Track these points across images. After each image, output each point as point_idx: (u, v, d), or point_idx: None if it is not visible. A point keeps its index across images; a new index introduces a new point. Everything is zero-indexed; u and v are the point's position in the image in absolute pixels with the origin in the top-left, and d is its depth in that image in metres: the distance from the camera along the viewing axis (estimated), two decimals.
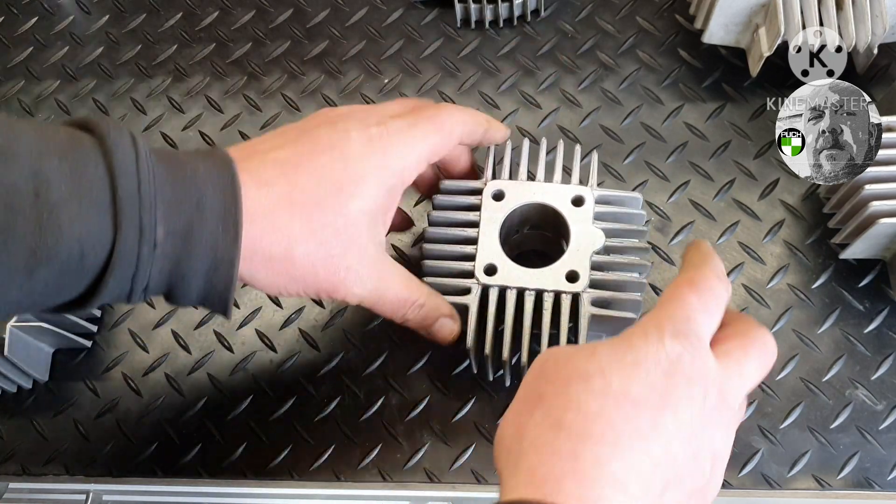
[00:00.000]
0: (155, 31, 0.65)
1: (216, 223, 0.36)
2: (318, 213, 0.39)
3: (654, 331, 0.34)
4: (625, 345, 0.34)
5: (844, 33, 0.52)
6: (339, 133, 0.41)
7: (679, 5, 0.62)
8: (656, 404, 0.32)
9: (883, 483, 0.46)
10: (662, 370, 0.33)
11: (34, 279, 0.34)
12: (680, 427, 0.33)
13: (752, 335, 0.37)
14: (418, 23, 0.63)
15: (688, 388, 0.33)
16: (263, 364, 0.52)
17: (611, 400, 0.32)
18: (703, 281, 0.37)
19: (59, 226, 0.33)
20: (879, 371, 0.49)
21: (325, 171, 0.40)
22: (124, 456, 0.50)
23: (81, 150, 0.35)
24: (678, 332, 0.34)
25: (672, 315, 0.35)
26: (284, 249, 0.39)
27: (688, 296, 0.36)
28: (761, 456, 0.47)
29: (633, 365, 0.33)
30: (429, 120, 0.43)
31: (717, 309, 0.37)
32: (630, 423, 0.32)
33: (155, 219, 0.35)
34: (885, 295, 0.51)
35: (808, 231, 0.53)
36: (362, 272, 0.41)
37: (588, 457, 0.31)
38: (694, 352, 0.34)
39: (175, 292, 0.38)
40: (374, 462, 0.49)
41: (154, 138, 0.61)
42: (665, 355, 0.33)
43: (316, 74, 0.62)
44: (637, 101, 0.58)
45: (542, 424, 0.33)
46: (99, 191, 0.34)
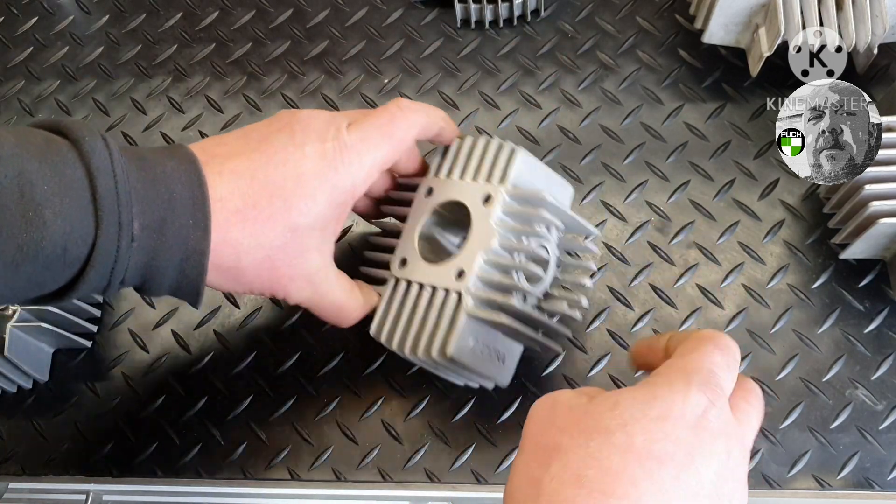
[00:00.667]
0: (155, 31, 0.65)
1: (187, 218, 0.39)
2: (269, 228, 0.41)
3: (680, 382, 0.34)
4: (649, 395, 0.33)
5: (844, 33, 0.52)
6: (295, 147, 0.42)
7: (679, 5, 0.62)
8: (681, 461, 0.32)
9: (883, 483, 0.46)
10: (688, 424, 0.32)
11: (19, 273, 0.36)
12: (703, 484, 0.32)
13: (747, 386, 0.37)
14: (418, 23, 0.63)
15: (712, 443, 0.32)
16: (263, 364, 0.52)
17: (634, 457, 0.31)
18: (723, 339, 0.36)
19: (43, 222, 0.35)
20: (879, 371, 0.49)
21: (276, 186, 0.41)
22: (124, 456, 0.50)
23: (59, 153, 0.37)
24: (704, 383, 0.34)
25: (698, 367, 0.34)
26: (234, 260, 0.41)
27: (712, 351, 0.35)
28: (761, 456, 0.47)
29: (659, 420, 0.32)
30: (380, 130, 0.44)
31: (735, 367, 0.36)
32: (653, 482, 0.31)
33: (132, 214, 0.37)
34: (885, 295, 0.51)
35: (808, 231, 0.53)
36: (302, 283, 0.44)
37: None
38: (720, 405, 0.33)
39: (149, 284, 0.40)
40: (374, 462, 0.49)
41: (154, 138, 0.61)
42: (691, 409, 0.33)
43: (316, 74, 0.62)
44: (637, 101, 0.58)
45: (559, 479, 0.32)
46: (79, 190, 0.36)
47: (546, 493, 0.31)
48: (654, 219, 0.54)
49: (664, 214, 0.54)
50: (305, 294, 0.45)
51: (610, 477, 0.31)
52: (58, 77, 0.64)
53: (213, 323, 0.53)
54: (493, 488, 0.48)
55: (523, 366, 0.50)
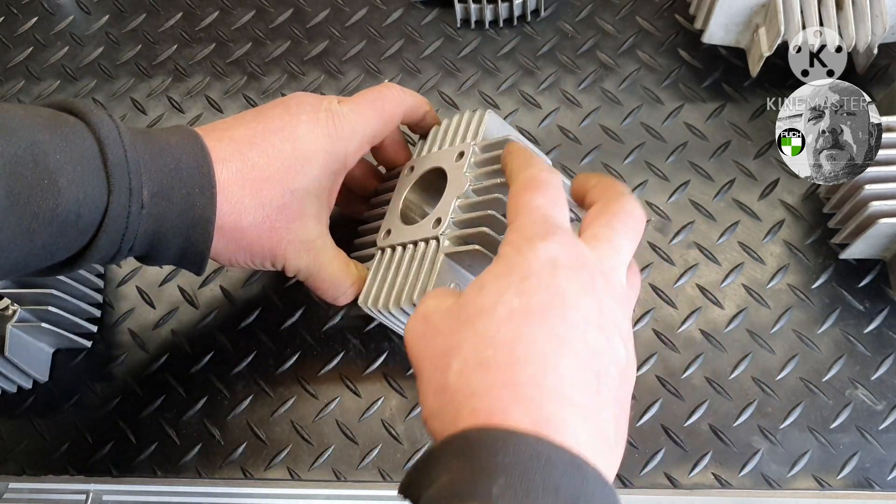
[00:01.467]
0: (155, 31, 0.65)
1: (193, 185, 0.40)
2: (267, 188, 0.43)
3: (523, 243, 0.34)
4: (505, 266, 0.34)
5: (844, 33, 0.52)
6: (291, 115, 0.44)
7: (679, 5, 0.62)
8: (560, 304, 0.33)
9: (883, 483, 0.46)
10: (549, 273, 0.33)
11: (34, 240, 0.37)
12: (587, 318, 0.33)
13: (612, 209, 0.37)
14: (418, 23, 0.63)
15: (577, 279, 0.33)
16: (263, 364, 0.52)
17: (519, 319, 0.32)
18: (535, 179, 0.37)
19: (58, 190, 0.36)
20: (879, 371, 0.49)
21: (275, 149, 0.43)
22: (124, 456, 0.50)
23: (68, 126, 0.38)
24: (544, 233, 0.35)
25: (531, 222, 0.35)
26: (235, 220, 0.42)
27: (534, 198, 0.36)
28: (761, 456, 0.47)
29: (523, 279, 0.33)
30: (370, 105, 0.46)
31: (561, 199, 0.37)
32: (545, 332, 0.32)
33: (141, 182, 0.39)
34: (884, 295, 0.51)
35: (808, 231, 0.53)
36: (300, 247, 0.45)
37: (523, 380, 0.31)
38: (565, 244, 0.34)
39: (155, 250, 0.41)
40: (374, 462, 0.49)
41: None
42: (546, 258, 0.34)
43: (316, 74, 0.62)
44: (637, 101, 0.58)
45: (464, 373, 0.32)
46: (91, 159, 0.38)
47: (457, 393, 0.32)
48: (654, 219, 0.54)
49: (664, 214, 0.54)
50: (304, 261, 0.45)
51: (508, 347, 0.32)
52: (58, 77, 0.64)
53: (212, 323, 0.53)
54: None
55: None
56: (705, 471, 0.47)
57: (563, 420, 0.30)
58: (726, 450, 0.48)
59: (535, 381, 0.31)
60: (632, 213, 0.37)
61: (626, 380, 0.34)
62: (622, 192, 0.38)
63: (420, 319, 0.36)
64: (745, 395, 0.49)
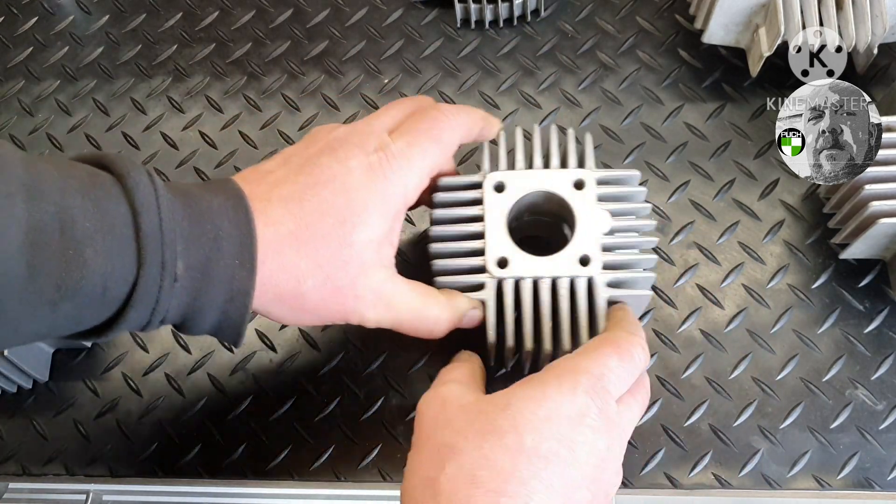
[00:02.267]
0: (155, 31, 0.65)
1: (233, 257, 0.37)
2: (324, 247, 0.40)
3: (569, 383, 0.37)
4: (539, 395, 0.36)
5: (844, 33, 0.52)
6: (339, 163, 0.41)
7: (679, 5, 0.62)
8: (565, 458, 0.35)
9: (883, 483, 0.46)
10: (573, 424, 0.36)
11: (57, 312, 0.34)
12: (584, 477, 0.36)
13: (638, 380, 0.41)
14: (418, 23, 0.63)
15: (594, 440, 0.36)
16: (263, 364, 0.52)
17: (524, 457, 0.35)
18: (627, 347, 0.40)
19: (84, 261, 0.34)
20: (879, 371, 0.49)
21: (327, 205, 0.40)
22: (124, 456, 0.50)
23: (103, 188, 0.35)
24: (592, 387, 0.37)
25: (590, 370, 0.38)
26: (294, 287, 0.39)
27: (610, 356, 0.39)
28: (761, 456, 0.47)
29: (546, 420, 0.35)
30: (427, 135, 0.43)
31: (632, 377, 0.40)
32: (540, 479, 0.34)
33: (175, 254, 0.36)
34: (885, 295, 0.51)
35: (809, 231, 0.53)
36: (371, 298, 0.42)
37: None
38: (603, 406, 0.37)
39: (189, 322, 0.39)
40: (374, 462, 0.49)
41: (154, 138, 0.61)
42: (577, 410, 0.36)
43: (316, 74, 0.62)
44: (637, 101, 0.58)
45: (455, 480, 0.34)
46: (122, 227, 0.35)
47: (443, 494, 0.34)
48: (655, 219, 0.54)
49: (664, 214, 0.54)
50: (381, 311, 0.42)
51: (502, 477, 0.34)
52: (58, 77, 0.64)
53: None
54: None
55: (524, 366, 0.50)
56: (705, 471, 0.47)
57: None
58: (726, 450, 0.48)
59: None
60: (647, 385, 0.42)
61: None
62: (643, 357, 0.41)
63: (438, 400, 0.38)
64: (745, 395, 0.49)
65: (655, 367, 0.50)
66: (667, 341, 0.51)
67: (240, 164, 0.59)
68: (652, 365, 0.50)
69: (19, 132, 0.62)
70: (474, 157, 0.57)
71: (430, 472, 0.35)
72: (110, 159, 0.37)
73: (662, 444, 0.48)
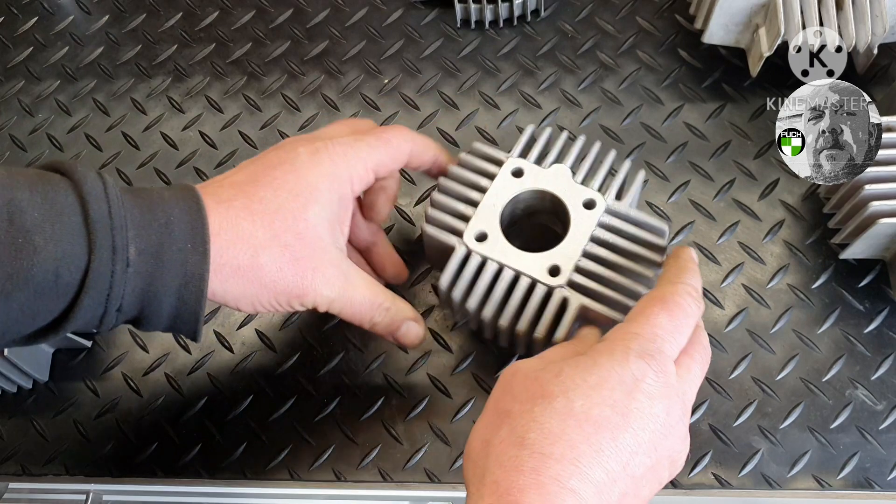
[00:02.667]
0: (155, 31, 0.65)
1: (185, 241, 0.38)
2: (279, 218, 0.41)
3: (620, 349, 0.36)
4: (590, 363, 0.36)
5: (844, 33, 0.52)
6: (287, 151, 0.43)
7: (679, 5, 0.62)
8: (618, 424, 0.35)
9: (883, 483, 0.46)
10: (625, 389, 0.35)
11: (10, 304, 0.35)
12: (640, 443, 0.35)
13: (694, 339, 0.40)
14: (418, 23, 0.63)
15: (650, 406, 0.35)
16: (263, 364, 0.52)
17: (572, 421, 0.34)
18: (675, 300, 0.39)
19: (34, 248, 0.35)
20: (879, 371, 0.49)
21: (279, 181, 0.42)
22: (124, 456, 0.50)
23: (51, 183, 0.37)
24: (644, 351, 0.36)
25: (640, 333, 0.37)
26: (251, 257, 0.40)
27: (658, 315, 0.38)
28: (761, 456, 0.47)
29: (596, 386, 0.35)
30: (373, 134, 0.45)
31: (686, 328, 0.39)
32: (590, 443, 0.34)
33: (126, 239, 0.37)
34: (884, 295, 0.51)
35: (808, 231, 0.53)
36: (328, 273, 0.42)
37: (549, 474, 0.33)
38: (659, 370, 0.36)
39: (146, 312, 0.39)
40: (374, 462, 0.49)
41: (154, 138, 0.61)
42: (630, 374, 0.36)
43: (316, 74, 0.62)
44: (637, 101, 0.58)
45: (506, 441, 0.35)
46: (71, 215, 0.36)
47: (494, 454, 0.35)
48: None
49: (664, 214, 0.54)
50: (336, 288, 0.43)
51: (550, 439, 0.34)
52: (58, 77, 0.64)
53: (212, 323, 0.53)
54: None
55: None
56: (705, 471, 0.47)
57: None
58: (726, 450, 0.48)
59: (559, 478, 0.33)
60: (707, 346, 0.41)
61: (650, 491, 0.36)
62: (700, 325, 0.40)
63: (511, 371, 0.38)
64: (745, 394, 0.49)
65: None
66: None
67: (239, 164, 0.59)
68: None
69: (19, 132, 0.62)
70: None
71: (486, 434, 0.36)
72: (59, 162, 0.39)
73: None
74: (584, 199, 0.46)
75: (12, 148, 0.62)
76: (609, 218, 0.46)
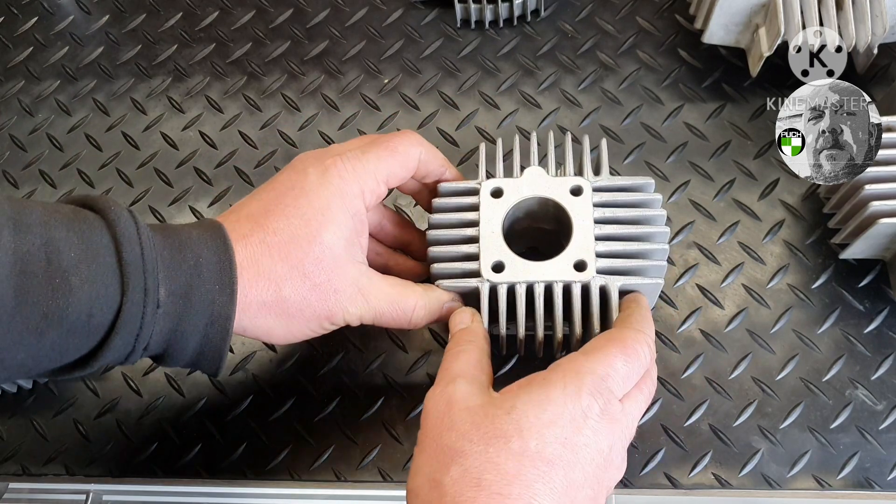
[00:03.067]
0: (155, 31, 0.65)
1: (213, 282, 0.39)
2: (295, 248, 0.41)
3: (573, 385, 0.37)
4: (544, 398, 0.37)
5: (844, 33, 0.52)
6: (297, 173, 0.43)
7: (679, 5, 0.62)
8: (569, 461, 0.36)
9: (883, 483, 0.46)
10: (575, 426, 0.37)
11: (43, 341, 0.35)
12: (587, 477, 0.36)
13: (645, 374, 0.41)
14: (418, 23, 0.63)
15: (596, 441, 0.37)
16: (263, 364, 0.52)
17: (527, 460, 0.35)
18: (634, 346, 0.40)
19: (70, 288, 0.35)
20: (879, 371, 0.49)
21: (291, 209, 0.42)
22: (124, 456, 0.50)
23: (86, 222, 0.37)
24: (596, 389, 0.38)
25: (594, 371, 0.38)
26: (274, 292, 0.41)
27: (616, 357, 0.39)
28: (761, 456, 0.47)
29: (550, 424, 0.36)
30: (382, 145, 0.45)
31: (637, 375, 0.40)
32: (544, 482, 0.35)
33: (158, 280, 0.37)
34: (885, 295, 0.51)
35: (809, 231, 0.53)
36: (349, 292, 0.43)
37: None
38: (605, 407, 0.38)
39: (172, 349, 0.39)
40: (374, 462, 0.49)
41: (154, 138, 0.61)
42: (581, 410, 0.37)
43: (316, 74, 0.62)
44: (637, 101, 0.58)
45: (460, 482, 0.35)
46: (105, 256, 0.36)
47: (449, 494, 0.35)
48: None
49: None
50: (360, 304, 0.43)
51: (507, 480, 0.35)
52: (58, 77, 0.64)
53: None
54: None
55: (523, 367, 0.50)
56: (705, 471, 0.47)
57: None
58: (726, 450, 0.48)
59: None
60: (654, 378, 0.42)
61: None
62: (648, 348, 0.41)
63: (444, 400, 0.39)
64: (745, 395, 0.49)
65: None
66: (667, 341, 0.51)
67: (240, 163, 0.59)
68: None
69: (19, 132, 0.62)
70: (473, 158, 0.57)
71: (435, 473, 0.36)
72: (93, 199, 0.39)
73: (662, 444, 0.48)
74: (571, 188, 0.46)
75: (12, 148, 0.62)
76: (600, 196, 0.45)
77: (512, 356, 0.50)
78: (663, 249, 0.45)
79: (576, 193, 0.46)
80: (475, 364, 0.42)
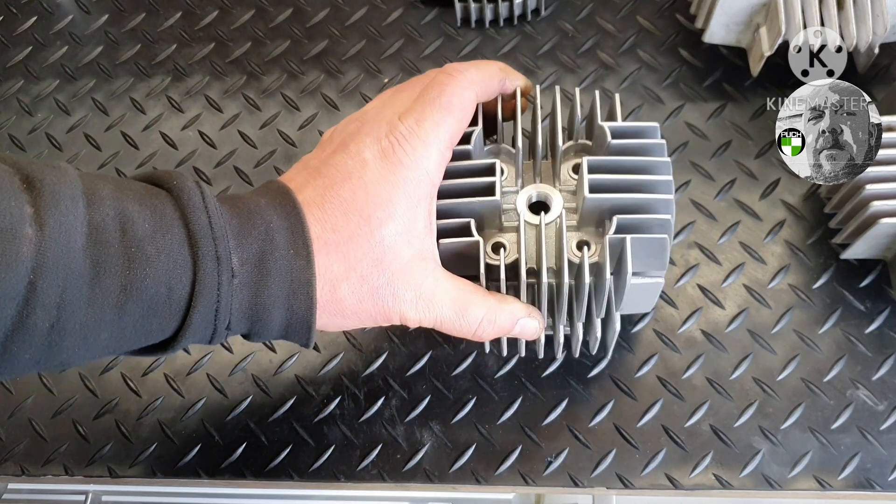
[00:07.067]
0: (154, 31, 0.65)
1: (287, 247, 0.37)
2: (353, 248, 0.38)
3: None
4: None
5: (845, 33, 0.52)
6: (353, 158, 0.40)
7: (679, 5, 0.61)
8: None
9: (884, 484, 0.46)
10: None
11: (124, 317, 0.34)
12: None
13: None
14: (418, 22, 0.63)
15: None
16: (263, 364, 0.52)
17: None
18: None
19: (146, 259, 0.34)
20: (880, 371, 0.49)
21: (348, 203, 0.39)
22: (123, 456, 0.50)
23: (155, 196, 0.36)
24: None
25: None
26: (330, 292, 0.38)
27: None
28: (762, 457, 0.47)
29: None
30: (435, 105, 0.41)
31: None
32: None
33: (229, 249, 0.36)
34: (886, 295, 0.51)
35: (810, 231, 0.53)
36: (410, 297, 0.40)
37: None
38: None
39: (256, 326, 0.38)
40: (374, 462, 0.49)
41: (153, 138, 0.61)
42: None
43: (316, 74, 0.62)
44: (637, 101, 0.58)
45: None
46: (176, 227, 0.35)
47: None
48: None
49: None
50: (422, 310, 0.40)
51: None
52: (57, 77, 0.64)
53: None
54: (493, 488, 0.48)
55: (523, 367, 0.50)
56: (706, 471, 0.47)
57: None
58: (727, 450, 0.48)
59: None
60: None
61: None
62: None
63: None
64: (745, 395, 0.49)
65: (656, 368, 0.50)
66: (667, 342, 0.51)
67: (239, 163, 0.59)
68: (653, 365, 0.50)
69: (18, 132, 0.62)
70: None
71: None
72: (158, 174, 0.38)
73: (663, 444, 0.48)
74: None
75: (11, 147, 0.62)
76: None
77: (512, 356, 0.50)
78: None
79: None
80: None
